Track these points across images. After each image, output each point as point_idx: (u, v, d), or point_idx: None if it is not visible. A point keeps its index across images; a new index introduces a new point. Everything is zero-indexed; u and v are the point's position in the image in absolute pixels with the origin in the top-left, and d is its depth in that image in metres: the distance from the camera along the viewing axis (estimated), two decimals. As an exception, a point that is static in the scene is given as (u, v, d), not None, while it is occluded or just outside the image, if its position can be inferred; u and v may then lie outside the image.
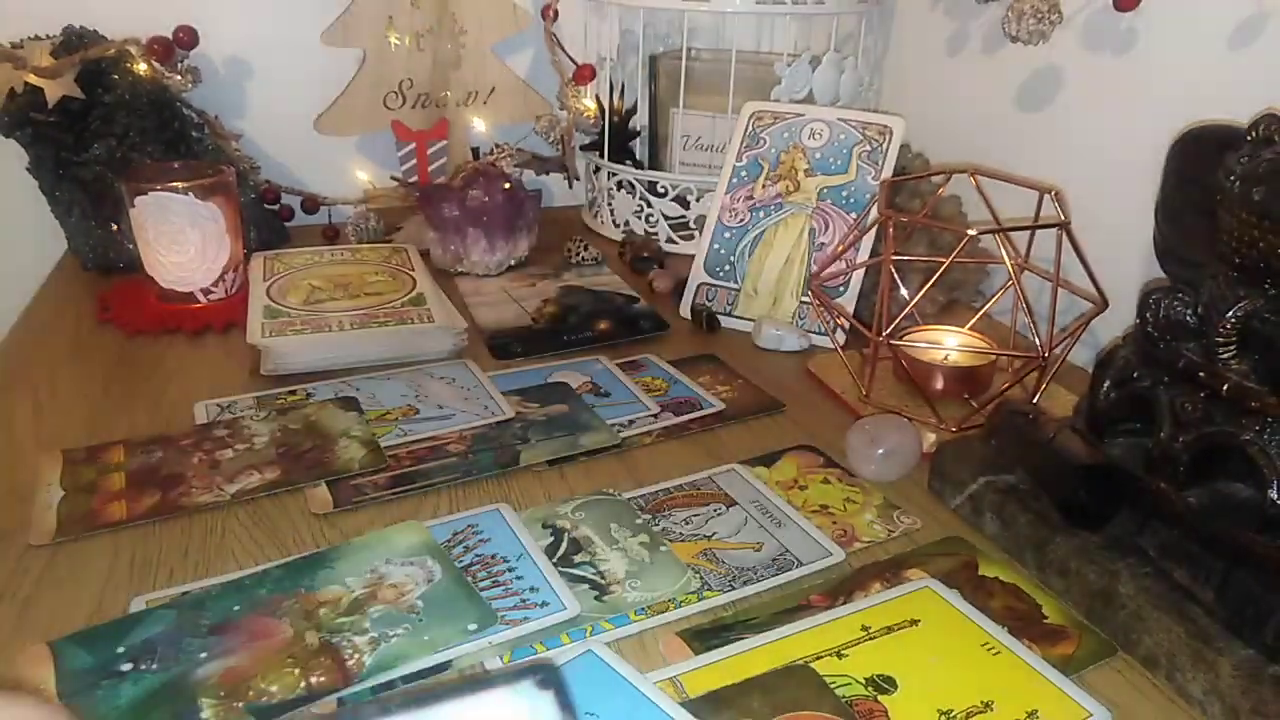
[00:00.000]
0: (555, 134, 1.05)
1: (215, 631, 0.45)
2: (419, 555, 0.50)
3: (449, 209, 0.91)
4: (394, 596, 0.47)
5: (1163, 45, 0.75)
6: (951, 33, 0.98)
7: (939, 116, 1.00)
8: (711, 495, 0.58)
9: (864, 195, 0.81)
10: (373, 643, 0.44)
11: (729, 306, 0.85)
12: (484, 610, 0.46)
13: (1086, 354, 0.80)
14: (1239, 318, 0.45)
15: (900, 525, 0.57)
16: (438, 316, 0.78)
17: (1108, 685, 0.45)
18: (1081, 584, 0.49)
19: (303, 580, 0.48)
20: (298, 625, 0.45)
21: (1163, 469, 0.47)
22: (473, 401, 0.68)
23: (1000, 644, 0.46)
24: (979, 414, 0.66)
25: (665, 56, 1.07)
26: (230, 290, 0.85)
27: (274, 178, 1.04)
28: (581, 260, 0.97)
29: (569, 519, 0.55)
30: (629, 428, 0.66)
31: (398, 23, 1.01)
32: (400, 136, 1.06)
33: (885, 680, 0.44)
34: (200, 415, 0.66)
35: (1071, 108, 0.84)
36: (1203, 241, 0.49)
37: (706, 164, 1.03)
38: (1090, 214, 0.80)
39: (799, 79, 0.93)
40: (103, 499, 0.56)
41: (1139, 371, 0.50)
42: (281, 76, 1.04)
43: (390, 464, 0.60)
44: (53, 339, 0.78)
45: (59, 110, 0.86)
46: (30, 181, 0.92)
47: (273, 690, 0.41)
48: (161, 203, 0.79)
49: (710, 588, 0.50)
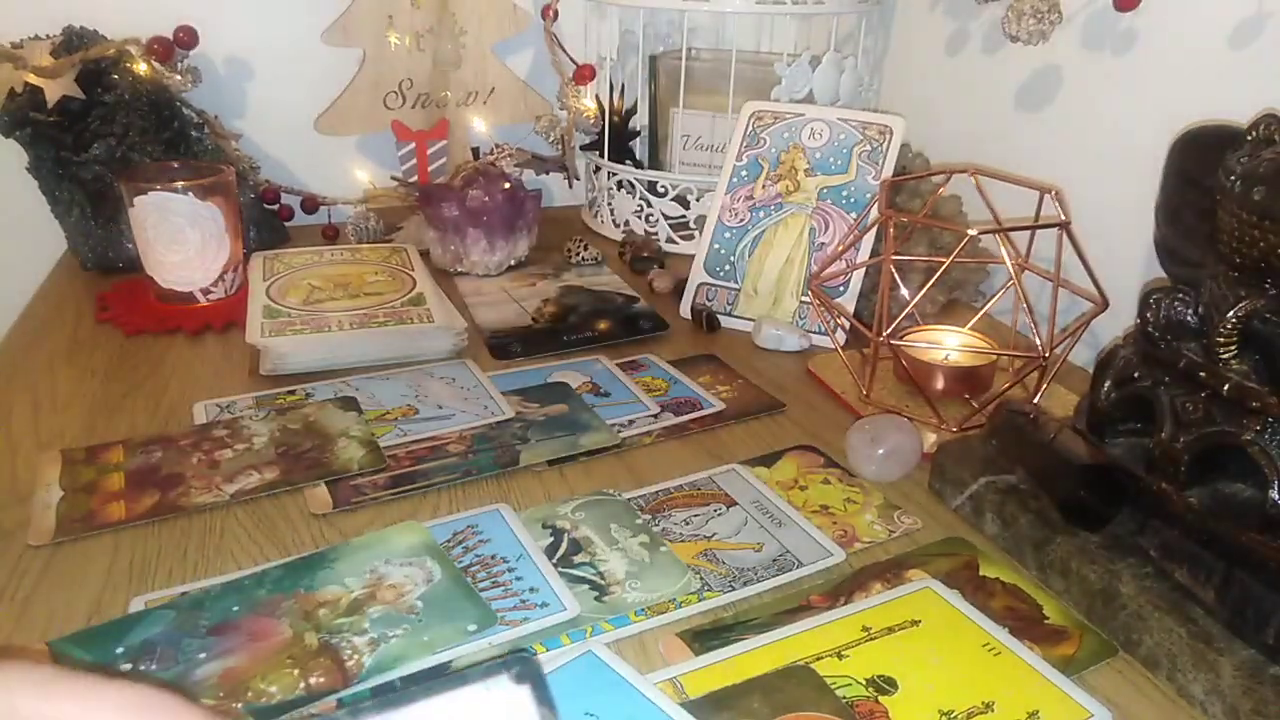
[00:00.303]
0: (555, 134, 1.05)
1: (214, 632, 0.45)
2: (418, 556, 0.50)
3: (449, 209, 0.91)
4: (393, 597, 0.47)
5: (1163, 45, 0.75)
6: (951, 33, 0.98)
7: (939, 116, 1.00)
8: (711, 495, 0.58)
9: (864, 195, 0.81)
10: (372, 643, 0.44)
11: (729, 306, 0.85)
12: (484, 611, 0.46)
13: (1086, 354, 0.80)
14: (1239, 318, 0.45)
15: (901, 525, 0.57)
16: (438, 316, 0.78)
17: (1108, 686, 0.45)
18: (1082, 584, 0.49)
19: (302, 581, 0.48)
20: (297, 626, 0.45)
21: (1163, 469, 0.47)
22: (473, 401, 0.68)
23: (1001, 644, 0.46)
24: (979, 414, 0.66)
25: (665, 56, 1.07)
26: (230, 290, 0.84)
27: (274, 178, 1.04)
28: (581, 260, 0.97)
29: (569, 519, 0.55)
30: (629, 428, 0.66)
31: (398, 23, 1.01)
32: (400, 136, 1.06)
33: (886, 681, 0.44)
34: (200, 415, 0.66)
35: (1071, 108, 0.84)
36: (1203, 241, 0.49)
37: (706, 164, 1.03)
38: (1090, 214, 0.80)
39: (799, 79, 0.93)
40: (102, 499, 0.56)
41: (1139, 371, 0.50)
42: (281, 76, 1.04)
43: (390, 464, 0.60)
44: (52, 339, 0.78)
45: (59, 110, 0.86)
46: (30, 181, 0.91)
47: (272, 691, 0.41)
48: (161, 202, 0.79)
49: (710, 588, 0.50)
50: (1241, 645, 0.43)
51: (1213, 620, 0.45)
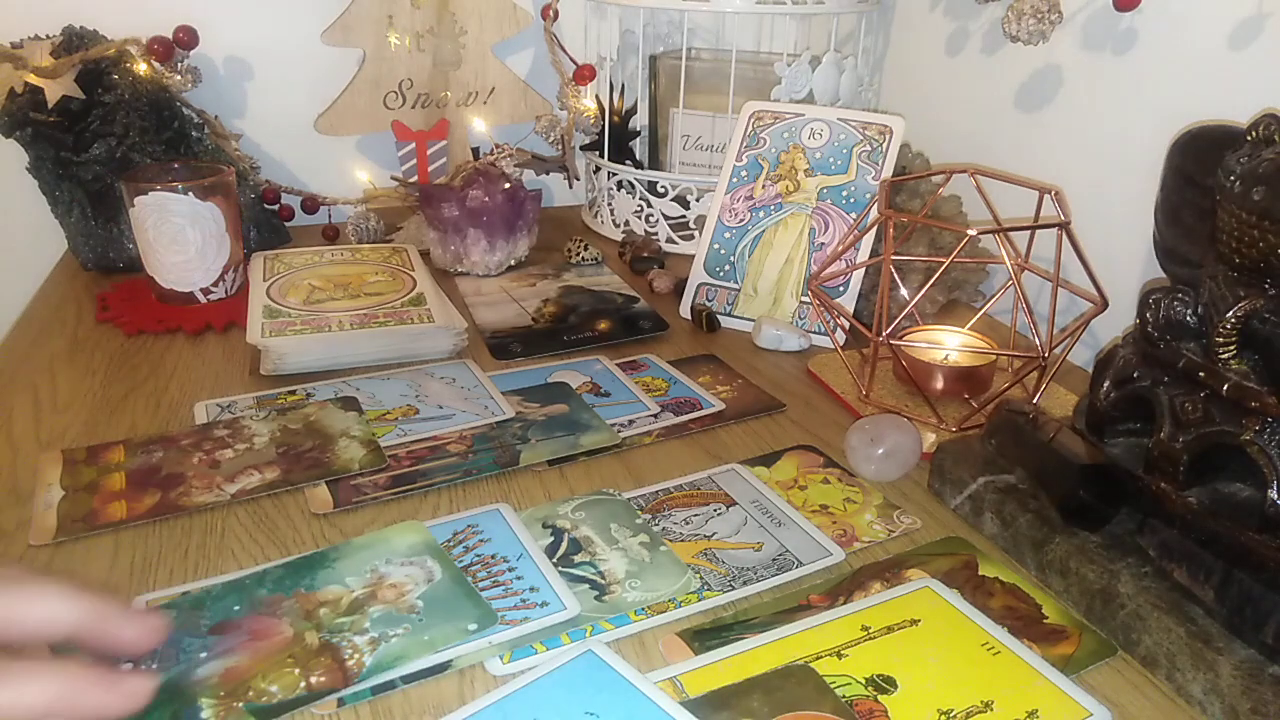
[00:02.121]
0: (555, 134, 1.05)
1: (215, 631, 0.45)
2: (419, 555, 0.50)
3: (449, 209, 0.91)
4: (394, 596, 0.47)
5: (1163, 45, 0.75)
6: (951, 33, 0.98)
7: (939, 116, 1.00)
8: (711, 495, 0.58)
9: (864, 195, 0.81)
10: (373, 643, 0.44)
11: (729, 306, 0.85)
12: (484, 610, 0.46)
13: (1086, 354, 0.80)
14: (1239, 318, 0.45)
15: (900, 525, 0.57)
16: (438, 316, 0.78)
17: (1108, 685, 0.45)
18: (1081, 584, 0.49)
19: (303, 580, 0.48)
20: (298, 625, 0.45)
21: (1163, 469, 0.47)
22: (473, 401, 0.68)
23: (1000, 644, 0.46)
24: (979, 414, 0.66)
25: (665, 56, 1.07)
26: (230, 290, 0.85)
27: (274, 178, 1.04)
28: (581, 260, 0.97)
29: (569, 519, 0.55)
30: (629, 428, 0.66)
31: (398, 23, 1.02)
32: (400, 136, 1.06)
33: (885, 680, 0.44)
34: (200, 415, 0.66)
35: (1071, 108, 0.84)
36: (1202, 241, 0.49)
37: (706, 164, 1.03)
38: (1090, 214, 0.80)
39: (799, 79, 0.93)
40: (103, 499, 0.56)
41: (1139, 371, 0.50)
42: (281, 76, 1.04)
43: (390, 464, 0.60)
44: (52, 339, 0.78)
45: (59, 110, 0.86)
46: (30, 181, 0.92)
47: (273, 690, 0.41)
48: (161, 203, 0.79)
49: (710, 588, 0.50)
50: (1240, 645, 0.43)
51: (1212, 620, 0.45)
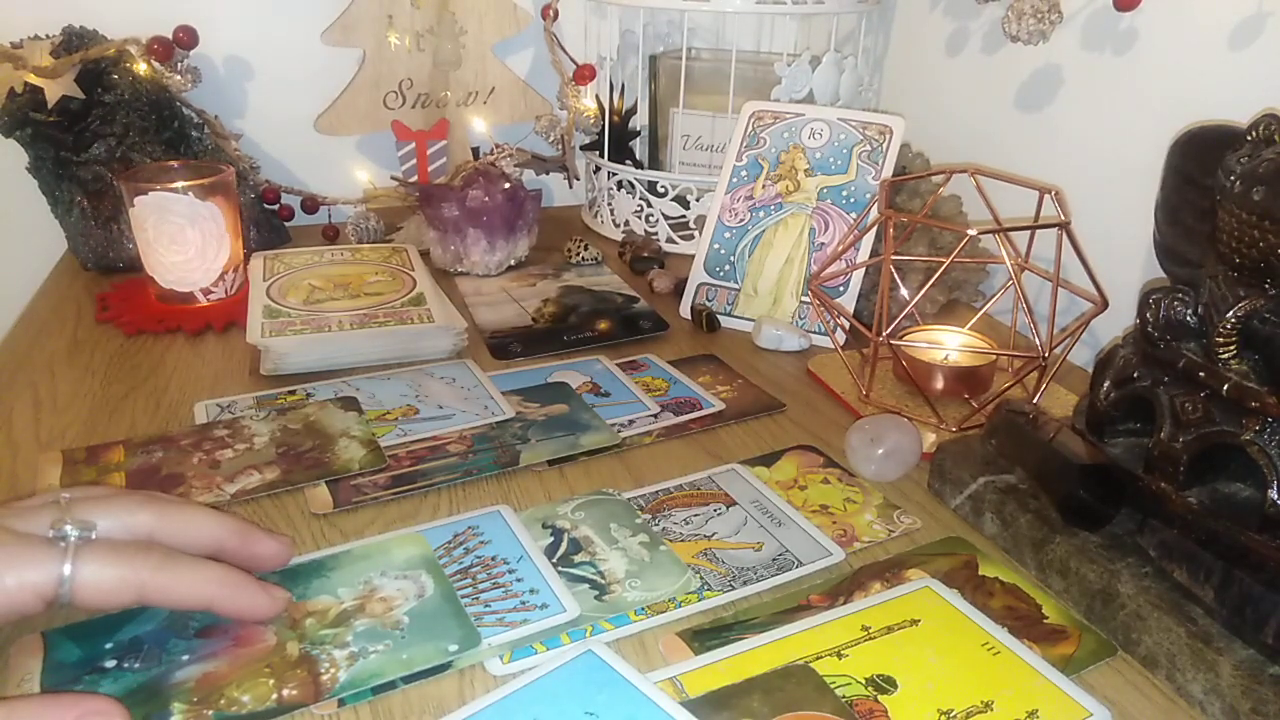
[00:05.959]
0: (555, 134, 1.05)
1: (202, 634, 0.44)
2: (414, 569, 0.50)
3: (449, 209, 0.91)
4: (381, 610, 0.47)
5: (1163, 45, 0.75)
6: (951, 33, 0.98)
7: (939, 116, 1.00)
8: (711, 495, 0.58)
9: (864, 195, 0.81)
10: (351, 658, 0.44)
11: (729, 306, 0.85)
12: (468, 631, 0.46)
13: (1086, 354, 0.80)
14: (1239, 318, 0.45)
15: (900, 525, 0.57)
16: (438, 316, 0.78)
17: (1108, 685, 0.45)
18: (1081, 584, 0.49)
19: (296, 588, 0.48)
20: (282, 634, 0.45)
21: (1163, 469, 0.47)
22: (473, 401, 0.68)
23: (1000, 644, 0.46)
24: (979, 414, 0.66)
25: (665, 56, 1.07)
26: (230, 290, 0.85)
27: (274, 178, 1.04)
28: (581, 260, 0.97)
29: (569, 519, 0.55)
30: (629, 428, 0.66)
31: (398, 23, 1.02)
32: (400, 136, 1.06)
33: (885, 680, 0.44)
34: (200, 415, 0.66)
35: (1071, 108, 0.84)
36: (1202, 241, 0.49)
37: (706, 164, 1.03)
38: (1090, 214, 0.80)
39: (799, 79, 0.93)
40: (102, 499, 0.56)
41: (1139, 371, 0.50)
42: (281, 76, 1.04)
43: (390, 464, 0.60)
44: (52, 339, 0.78)
45: (59, 110, 0.86)
46: (30, 181, 0.92)
47: (244, 700, 0.41)
48: (161, 203, 0.79)
49: (710, 588, 0.50)
50: (1240, 645, 0.43)
51: (1212, 620, 0.45)
